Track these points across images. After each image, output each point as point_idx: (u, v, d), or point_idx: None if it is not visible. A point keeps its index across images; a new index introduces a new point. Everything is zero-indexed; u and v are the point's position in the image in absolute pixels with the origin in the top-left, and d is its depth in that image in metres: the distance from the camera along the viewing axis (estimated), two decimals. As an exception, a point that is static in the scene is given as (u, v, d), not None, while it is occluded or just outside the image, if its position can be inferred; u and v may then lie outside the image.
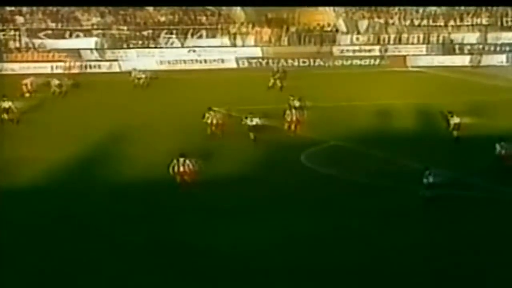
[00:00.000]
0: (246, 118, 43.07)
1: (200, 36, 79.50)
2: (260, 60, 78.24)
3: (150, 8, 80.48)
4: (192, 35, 79.27)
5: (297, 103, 47.37)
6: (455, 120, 43.32)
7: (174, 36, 78.55)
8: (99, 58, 75.09)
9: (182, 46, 77.93)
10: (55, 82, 56.78)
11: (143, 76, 61.95)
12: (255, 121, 42.78)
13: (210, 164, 37.31)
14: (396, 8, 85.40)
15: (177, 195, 32.59)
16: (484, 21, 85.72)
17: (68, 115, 50.37)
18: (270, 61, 77.71)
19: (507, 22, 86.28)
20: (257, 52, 79.30)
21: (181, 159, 33.29)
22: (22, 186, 33.44)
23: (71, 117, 49.59)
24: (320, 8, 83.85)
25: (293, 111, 44.93)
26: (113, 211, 30.52)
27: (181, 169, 33.22)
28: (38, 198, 32.00)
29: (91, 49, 75.54)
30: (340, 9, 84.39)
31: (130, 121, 47.31)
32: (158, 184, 33.60)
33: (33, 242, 27.10)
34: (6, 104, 47.14)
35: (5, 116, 46.81)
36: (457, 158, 38.88)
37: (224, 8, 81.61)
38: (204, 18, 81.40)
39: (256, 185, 34.45)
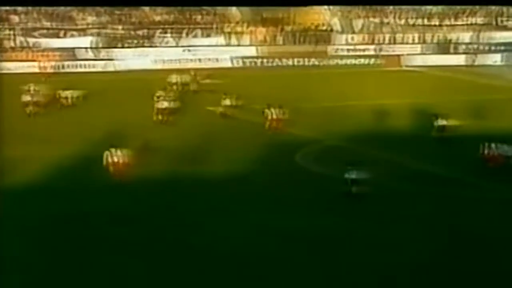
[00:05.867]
0: (157, 101, 47.54)
1: (195, 36, 79.47)
2: (255, 59, 78.31)
3: (146, 8, 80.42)
4: (187, 34, 79.23)
5: (228, 102, 49.58)
6: (450, 119, 43.50)
7: (169, 35, 78.51)
8: (94, 57, 75.03)
9: (177, 46, 77.89)
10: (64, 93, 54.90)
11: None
12: (165, 104, 47.19)
13: (212, 163, 37.50)
14: (391, 8, 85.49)
15: (175, 194, 32.68)
16: (479, 21, 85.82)
17: (66, 114, 50.50)
18: (265, 60, 77.91)
19: (502, 21, 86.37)
20: (252, 51, 79.35)
21: (113, 150, 33.76)
22: (20, 185, 33.43)
23: (69, 116, 49.72)
24: (315, 8, 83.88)
25: (272, 110, 45.41)
26: (113, 210, 30.57)
27: (115, 159, 33.66)
28: (36, 198, 32.03)
29: (86, 48, 75.47)
30: (335, 9, 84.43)
31: (129, 119, 47.39)
32: (159, 182, 33.75)
33: (31, 242, 27.15)
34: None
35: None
36: (451, 157, 38.99)
37: (219, 7, 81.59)
38: (199, 18, 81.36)
39: (250, 184, 34.50)
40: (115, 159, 33.85)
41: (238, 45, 79.50)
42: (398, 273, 24.64)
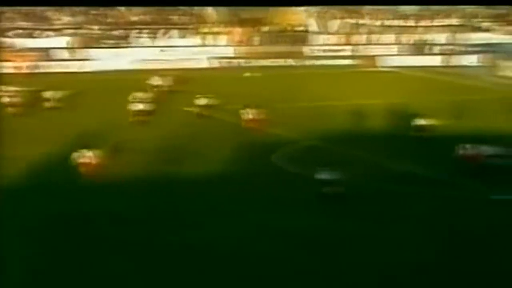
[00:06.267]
0: (134, 102, 48.05)
1: (172, 36, 79.35)
2: (232, 60, 78.30)
3: (122, 8, 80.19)
4: (164, 34, 79.10)
5: (205, 102, 49.91)
6: (428, 120, 43.75)
7: (145, 36, 78.35)
8: (70, 58, 74.71)
9: (154, 46, 77.74)
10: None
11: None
12: (142, 105, 47.94)
13: (189, 164, 37.42)
14: (367, 8, 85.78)
15: (153, 194, 32.59)
16: (455, 22, 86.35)
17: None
18: (242, 60, 77.93)
19: (477, 23, 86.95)
20: (229, 52, 79.34)
21: (83, 150, 34.16)
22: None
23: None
24: (292, 8, 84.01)
25: (249, 110, 45.63)
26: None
27: (86, 160, 33.93)
28: (13, 198, 31.76)
29: (61, 49, 75.15)
30: (312, 9, 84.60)
31: (105, 120, 47.20)
32: (136, 183, 33.63)
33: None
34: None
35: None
36: (427, 157, 39.15)
37: (196, 7, 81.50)
38: (176, 18, 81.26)
39: (229, 184, 34.49)
40: (86, 160, 33.93)
41: (215, 46, 79.48)
42: (378, 272, 24.69)
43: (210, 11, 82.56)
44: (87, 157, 34.13)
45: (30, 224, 28.93)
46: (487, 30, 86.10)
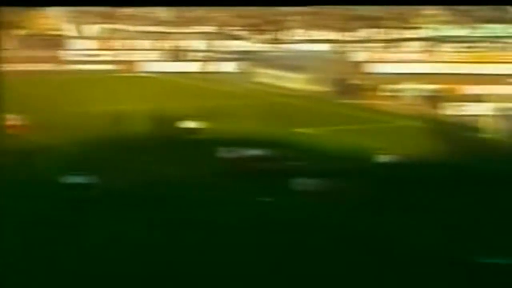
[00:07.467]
0: None
1: None
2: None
3: None
4: None
5: None
6: (188, 124, 44.83)
7: None
8: None
9: None
10: None
11: None
12: None
13: None
14: (125, 14, 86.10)
15: None
16: (212, 29, 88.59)
17: None
18: (-3, 65, 75.69)
19: (231, 31, 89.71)
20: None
21: None
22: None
23: None
24: (49, 12, 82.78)
25: (7, 115, 44.99)
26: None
27: None
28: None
29: None
30: (70, 13, 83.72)
31: None
32: None
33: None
34: None
35: None
36: (187, 160, 40.05)
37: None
38: None
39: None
40: None
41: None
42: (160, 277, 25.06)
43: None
44: None
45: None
46: (241, 38, 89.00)
